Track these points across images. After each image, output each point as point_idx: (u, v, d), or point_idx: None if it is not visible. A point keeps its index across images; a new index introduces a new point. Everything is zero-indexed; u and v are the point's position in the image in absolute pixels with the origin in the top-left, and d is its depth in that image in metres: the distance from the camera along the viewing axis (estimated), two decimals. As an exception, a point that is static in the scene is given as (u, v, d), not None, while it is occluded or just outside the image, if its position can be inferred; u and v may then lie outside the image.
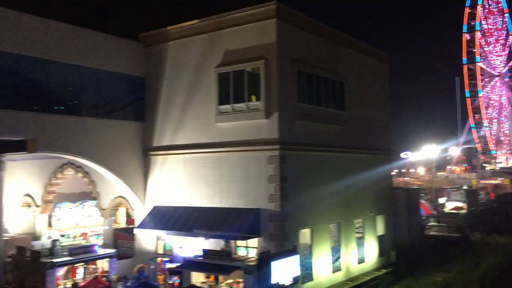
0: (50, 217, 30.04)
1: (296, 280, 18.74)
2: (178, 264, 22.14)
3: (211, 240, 21.89)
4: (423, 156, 79.46)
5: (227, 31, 23.12)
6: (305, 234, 22.51)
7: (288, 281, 18.10)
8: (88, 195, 29.17)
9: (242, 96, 22.18)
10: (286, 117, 21.71)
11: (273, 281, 17.36)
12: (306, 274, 21.92)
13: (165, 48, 25.36)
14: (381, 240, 28.92)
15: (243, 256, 21.15)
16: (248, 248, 21.71)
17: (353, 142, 26.63)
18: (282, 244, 20.56)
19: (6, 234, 26.75)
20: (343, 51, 26.81)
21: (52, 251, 22.76)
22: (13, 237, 28.44)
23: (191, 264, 21.06)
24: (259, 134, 21.71)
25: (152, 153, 25.37)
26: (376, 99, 30.15)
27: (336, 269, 24.49)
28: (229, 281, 20.78)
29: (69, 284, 22.34)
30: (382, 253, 28.84)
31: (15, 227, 30.76)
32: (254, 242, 21.47)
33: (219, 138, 22.97)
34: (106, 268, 23.88)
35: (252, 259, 20.28)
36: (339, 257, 24.74)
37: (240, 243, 21.74)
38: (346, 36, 27.26)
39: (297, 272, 18.73)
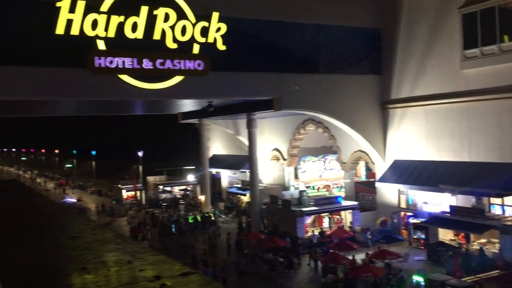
0: (295, 169, 32.72)
1: None
2: (424, 220, 21.51)
3: (459, 196, 20.51)
4: None
5: (472, -36, 20.51)
6: None
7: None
8: (329, 149, 30.53)
9: (493, 37, 19.61)
10: (552, 56, 18.37)
11: (540, 245, 15.29)
12: None
13: (400, -5, 24.04)
14: None
15: (498, 215, 19.26)
16: (504, 207, 19.61)
17: None
18: (549, 204, 17.91)
19: (260, 184, 30.24)
20: None
21: (300, 201, 24.76)
22: (266, 187, 32.00)
23: (438, 220, 20.24)
24: (516, 78, 18.97)
25: (390, 106, 24.76)
26: None
27: None
28: (482, 240, 19.24)
29: (316, 231, 24.03)
30: None
31: (267, 178, 34.50)
32: (511, 200, 19.26)
33: (465, 86, 20.94)
34: (350, 219, 24.84)
35: (511, 218, 18.32)
36: None
37: (494, 200, 19.77)
38: None
39: None
